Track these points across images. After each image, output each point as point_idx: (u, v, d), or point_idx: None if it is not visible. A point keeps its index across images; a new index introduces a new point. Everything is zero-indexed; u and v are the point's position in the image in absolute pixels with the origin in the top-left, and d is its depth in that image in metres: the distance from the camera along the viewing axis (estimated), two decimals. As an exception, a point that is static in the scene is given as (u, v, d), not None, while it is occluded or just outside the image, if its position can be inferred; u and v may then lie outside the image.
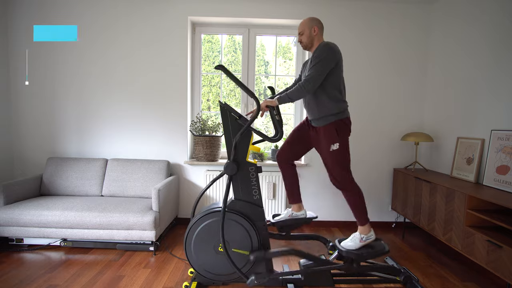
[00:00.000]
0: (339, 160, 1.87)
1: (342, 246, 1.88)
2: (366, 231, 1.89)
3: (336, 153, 1.86)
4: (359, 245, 1.86)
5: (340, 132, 1.86)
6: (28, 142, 2.96)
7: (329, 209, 3.04)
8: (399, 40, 2.94)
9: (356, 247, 1.85)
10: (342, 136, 1.87)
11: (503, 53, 2.14)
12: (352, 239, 1.90)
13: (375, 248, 1.86)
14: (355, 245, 1.86)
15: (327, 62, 1.78)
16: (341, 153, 1.86)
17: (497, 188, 2.05)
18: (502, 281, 1.96)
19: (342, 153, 1.87)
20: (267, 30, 3.06)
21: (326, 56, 1.78)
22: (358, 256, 1.81)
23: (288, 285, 1.85)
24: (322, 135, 1.91)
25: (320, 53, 1.79)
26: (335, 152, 1.86)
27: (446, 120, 2.72)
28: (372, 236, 1.90)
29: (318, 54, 1.80)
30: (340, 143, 1.86)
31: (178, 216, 3.01)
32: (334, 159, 1.87)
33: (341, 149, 1.86)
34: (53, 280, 1.92)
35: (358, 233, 1.90)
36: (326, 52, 1.79)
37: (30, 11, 2.84)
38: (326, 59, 1.78)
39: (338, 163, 1.87)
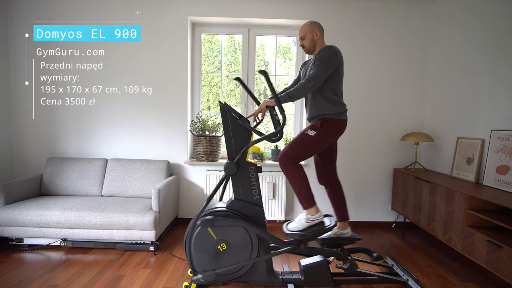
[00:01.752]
0: (301, 141, 1.85)
1: (288, 228, 1.86)
2: (312, 212, 1.85)
3: (306, 137, 1.85)
4: (305, 225, 1.83)
5: (325, 126, 1.86)
6: (28, 142, 2.96)
7: (329, 209, 3.03)
8: (399, 40, 2.94)
9: (302, 228, 1.82)
10: (324, 131, 1.85)
11: (503, 53, 2.14)
12: (298, 220, 1.87)
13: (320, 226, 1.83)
14: (301, 226, 1.83)
15: (329, 64, 1.81)
16: (310, 141, 1.84)
17: (497, 188, 2.05)
18: (502, 281, 1.96)
19: (310, 142, 1.84)
20: (267, 30, 3.06)
21: (329, 58, 1.81)
22: (303, 237, 1.78)
23: (288, 285, 1.85)
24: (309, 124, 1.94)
25: (324, 54, 1.82)
26: (306, 135, 1.85)
27: (446, 120, 2.72)
28: (319, 217, 1.86)
29: (322, 56, 1.82)
30: (317, 134, 1.84)
31: (178, 216, 3.01)
32: (299, 138, 1.86)
33: (313, 138, 1.84)
34: (53, 280, 1.92)
35: (304, 214, 1.87)
36: (330, 54, 1.82)
37: (30, 9, 2.84)
38: (329, 61, 1.81)
39: (298, 142, 1.85)
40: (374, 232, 2.91)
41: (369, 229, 2.99)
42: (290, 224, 1.89)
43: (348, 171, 2.96)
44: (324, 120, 1.87)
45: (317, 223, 1.85)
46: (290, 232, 1.82)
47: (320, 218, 1.87)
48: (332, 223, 1.88)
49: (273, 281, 1.85)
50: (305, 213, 1.88)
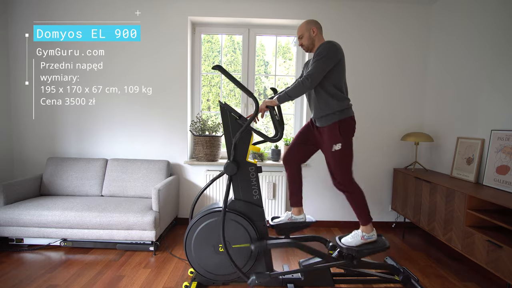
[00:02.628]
0: (341, 161, 1.86)
1: (343, 242, 1.87)
2: (368, 230, 1.87)
3: (339, 154, 1.84)
4: (360, 242, 1.84)
5: (343, 132, 1.84)
6: (28, 142, 2.96)
7: (329, 209, 3.04)
8: (398, 40, 2.94)
9: (357, 244, 1.84)
10: (345, 136, 1.84)
11: (503, 53, 2.14)
12: (353, 236, 1.88)
13: (375, 244, 1.84)
14: (356, 242, 1.84)
15: (328, 60, 1.77)
16: (343, 153, 1.84)
17: (497, 188, 2.05)
18: (502, 281, 1.96)
19: (344, 153, 1.85)
20: (267, 30, 3.06)
21: (327, 54, 1.77)
22: (358, 253, 1.80)
23: (288, 285, 1.85)
24: (325, 135, 1.89)
25: (322, 50, 1.79)
26: (337, 152, 1.84)
27: (446, 120, 2.71)
28: (373, 236, 1.88)
29: (320, 51, 1.79)
30: (343, 143, 1.83)
31: (178, 216, 3.01)
32: (337, 159, 1.86)
33: (343, 149, 1.84)
34: (53, 280, 1.92)
35: (360, 231, 1.89)
36: (328, 49, 1.78)
37: (30, 9, 2.84)
38: (327, 57, 1.77)
39: (340, 164, 1.86)
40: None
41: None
42: (344, 239, 1.90)
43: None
44: (339, 124, 1.84)
45: (371, 241, 1.87)
46: (346, 247, 1.83)
47: (374, 236, 1.89)
48: (387, 244, 1.87)
49: (273, 281, 1.85)
50: (360, 230, 1.89)
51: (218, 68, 1.61)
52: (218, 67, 1.61)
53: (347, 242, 1.86)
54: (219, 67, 1.61)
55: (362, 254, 1.81)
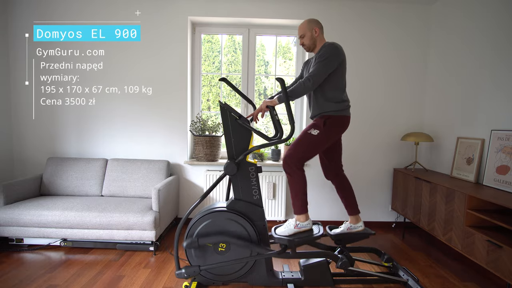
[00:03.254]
0: (304, 142, 1.84)
1: (276, 232, 1.86)
2: (302, 218, 1.85)
3: (308, 136, 1.83)
4: (293, 231, 1.83)
5: (328, 124, 1.84)
6: (28, 142, 2.96)
7: (329, 209, 3.04)
8: (399, 40, 2.94)
9: (290, 233, 1.82)
10: (327, 129, 1.84)
11: (504, 53, 2.14)
12: (286, 225, 1.86)
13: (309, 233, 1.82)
14: (289, 231, 1.83)
15: (330, 61, 1.78)
16: (313, 139, 1.82)
17: (497, 188, 2.05)
18: (502, 281, 1.96)
19: (314, 141, 1.83)
20: (267, 30, 3.06)
21: (330, 56, 1.78)
22: (290, 242, 1.77)
23: (288, 285, 1.85)
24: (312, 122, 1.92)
25: (325, 52, 1.80)
26: (308, 134, 1.84)
27: (446, 120, 2.71)
28: (308, 225, 1.85)
29: (323, 53, 1.80)
30: (321, 133, 1.82)
31: (178, 216, 3.01)
32: (302, 138, 1.85)
33: (316, 137, 1.82)
34: (53, 280, 1.92)
35: (293, 220, 1.87)
36: (331, 51, 1.79)
37: (30, 9, 2.84)
38: (330, 59, 1.78)
39: (301, 143, 1.84)
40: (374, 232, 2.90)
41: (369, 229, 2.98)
42: (278, 229, 1.89)
43: (348, 171, 2.92)
44: (327, 118, 1.85)
45: (305, 230, 1.85)
46: (277, 236, 1.82)
47: (309, 225, 1.87)
48: (320, 232, 1.86)
49: (273, 281, 1.85)
50: (294, 219, 1.87)
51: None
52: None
53: (279, 232, 1.85)
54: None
55: (294, 243, 1.78)
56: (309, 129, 1.87)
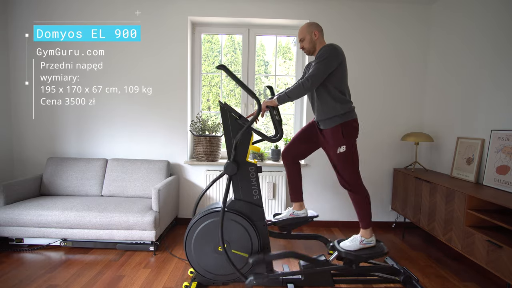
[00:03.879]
0: (347, 163, 1.87)
1: (341, 246, 1.88)
2: (367, 235, 1.88)
3: (344, 156, 1.86)
4: (359, 247, 1.85)
5: (346, 134, 1.85)
6: (28, 142, 2.96)
7: (329, 209, 3.04)
8: (399, 40, 2.94)
9: (355, 249, 1.85)
10: (348, 138, 1.85)
11: (504, 53, 2.14)
12: (352, 240, 1.89)
13: (374, 250, 1.85)
14: (355, 247, 1.85)
15: (329, 62, 1.78)
16: (348, 155, 1.86)
17: (497, 188, 2.05)
18: (502, 281, 1.96)
19: (349, 155, 1.86)
20: (267, 30, 3.06)
21: (329, 56, 1.78)
22: (357, 258, 1.81)
23: (288, 285, 1.85)
24: (329, 137, 1.90)
25: (323, 53, 1.80)
26: (342, 154, 1.85)
27: (446, 120, 2.71)
28: (372, 241, 1.89)
29: (321, 54, 1.81)
30: (347, 145, 1.84)
31: (178, 216, 3.01)
32: (342, 161, 1.87)
33: (348, 151, 1.85)
34: (53, 280, 1.92)
35: (359, 235, 1.90)
36: (330, 52, 1.79)
37: (30, 9, 2.84)
38: (328, 59, 1.78)
39: (346, 165, 1.87)
40: (374, 232, 2.90)
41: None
42: (343, 243, 1.90)
43: (348, 171, 2.96)
44: (342, 127, 1.84)
45: (370, 247, 1.87)
46: (344, 251, 1.83)
47: (373, 242, 1.89)
48: (385, 250, 1.87)
49: (273, 281, 1.85)
50: (359, 235, 1.90)
51: (222, 68, 1.61)
52: (222, 66, 1.61)
53: (345, 246, 1.87)
54: (223, 66, 1.61)
55: (360, 259, 1.81)
56: (335, 150, 1.86)
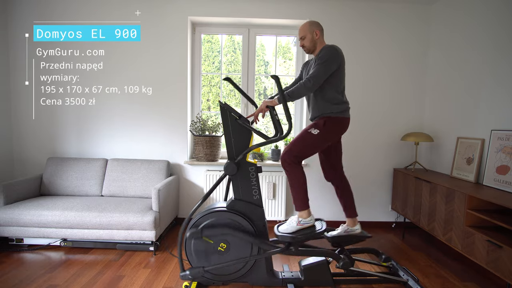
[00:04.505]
0: (304, 139, 1.85)
1: (279, 230, 1.86)
2: (305, 215, 1.85)
3: (308, 135, 1.85)
4: (296, 228, 1.82)
5: (328, 124, 1.86)
6: (28, 142, 2.96)
7: (329, 209, 3.03)
8: (399, 40, 2.94)
9: (293, 230, 1.82)
10: (327, 129, 1.85)
11: (503, 53, 2.14)
12: (289, 222, 1.86)
13: (312, 229, 1.82)
14: (291, 228, 1.82)
15: (330, 63, 1.80)
16: (314, 138, 1.84)
17: (497, 188, 2.05)
18: (502, 281, 1.96)
19: (313, 140, 1.84)
20: (267, 30, 3.06)
21: (330, 58, 1.80)
22: (293, 239, 1.77)
23: (288, 285, 1.85)
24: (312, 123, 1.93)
25: (325, 54, 1.82)
26: (309, 133, 1.85)
27: (446, 120, 2.71)
28: (311, 221, 1.85)
29: (323, 55, 1.82)
30: (320, 132, 1.84)
31: (178, 216, 3.01)
32: (303, 137, 1.86)
33: (316, 137, 1.83)
34: (53, 280, 1.92)
35: (296, 216, 1.87)
36: (331, 53, 1.81)
37: (30, 9, 2.84)
38: (330, 61, 1.80)
39: (300, 140, 1.85)
40: (374, 232, 2.91)
41: (369, 229, 2.98)
42: (281, 226, 1.89)
43: (348, 171, 2.92)
44: (327, 118, 1.87)
45: (308, 227, 1.85)
46: (280, 234, 1.81)
47: (312, 221, 1.86)
48: (323, 227, 1.86)
49: (273, 281, 1.85)
50: (296, 216, 1.87)
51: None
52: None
53: (283, 229, 1.85)
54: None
55: (297, 240, 1.78)
56: (309, 128, 1.88)
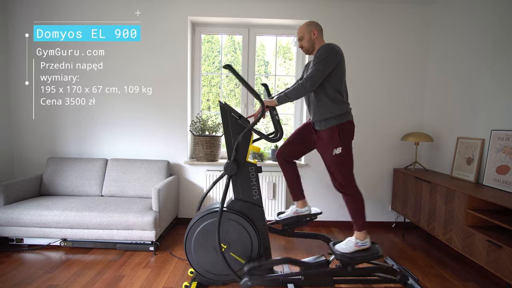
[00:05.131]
0: (342, 165, 1.86)
1: (336, 249, 1.86)
2: (362, 237, 1.86)
3: (339, 158, 1.84)
4: (353, 249, 1.83)
5: (342, 136, 1.84)
6: (28, 142, 2.96)
7: (329, 209, 3.03)
8: (399, 39, 2.94)
9: (350, 251, 1.83)
10: (344, 140, 1.84)
11: (503, 53, 2.14)
12: (347, 243, 1.87)
13: (369, 252, 1.83)
14: (349, 249, 1.83)
15: (328, 62, 1.77)
16: (344, 157, 1.84)
17: (497, 188, 2.05)
18: (502, 281, 1.96)
19: (345, 157, 1.85)
20: (267, 30, 3.06)
21: (328, 56, 1.77)
22: (352, 260, 1.80)
23: (288, 285, 1.85)
24: (324, 138, 1.88)
25: (322, 53, 1.79)
26: (337, 156, 1.84)
27: (446, 120, 2.71)
28: (367, 243, 1.87)
29: (319, 54, 1.79)
30: (343, 147, 1.83)
31: (178, 216, 3.01)
32: (337, 163, 1.86)
33: (343, 153, 1.84)
34: (53, 280, 1.92)
35: (354, 238, 1.87)
36: (328, 52, 1.78)
37: (30, 9, 2.84)
38: (327, 59, 1.77)
39: (341, 167, 1.86)
40: (374, 232, 2.91)
41: (369, 229, 2.98)
42: (338, 245, 1.88)
43: (348, 171, 2.96)
44: (338, 129, 1.84)
45: (365, 249, 1.86)
46: (340, 253, 1.82)
47: (368, 244, 1.87)
48: (380, 252, 1.85)
49: (273, 281, 1.85)
50: (354, 237, 1.87)
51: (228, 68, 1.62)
52: (228, 66, 1.61)
53: (340, 249, 1.85)
54: (229, 66, 1.61)
55: (356, 262, 1.81)
56: (330, 151, 1.85)
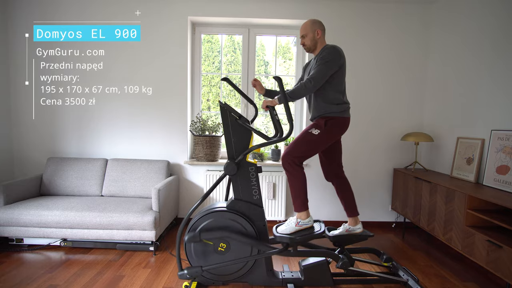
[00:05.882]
0: (304, 140, 1.85)
1: (277, 231, 1.86)
2: (303, 216, 1.85)
3: (308, 135, 1.84)
4: (294, 229, 1.82)
5: (328, 125, 1.85)
6: (28, 142, 2.96)
7: (329, 209, 3.04)
8: (399, 40, 2.94)
9: (291, 231, 1.82)
10: (328, 129, 1.85)
11: (503, 53, 2.14)
12: (288, 223, 1.86)
13: (310, 231, 1.82)
14: (290, 229, 1.82)
15: (331, 64, 1.80)
16: (313, 139, 1.83)
17: (497, 188, 2.05)
18: (502, 281, 1.96)
19: (314, 140, 1.84)
20: (267, 30, 3.06)
21: (332, 59, 1.80)
22: (291, 240, 1.77)
23: (288, 285, 1.85)
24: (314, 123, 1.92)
25: (326, 54, 1.81)
26: (309, 134, 1.85)
27: (446, 120, 2.71)
28: (309, 222, 1.85)
29: (324, 55, 1.81)
30: (321, 133, 1.84)
31: (178, 216, 3.01)
32: (303, 137, 1.86)
33: (316, 137, 1.83)
34: (53, 280, 1.92)
35: (294, 217, 1.87)
36: (333, 54, 1.81)
37: (30, 9, 2.84)
38: (331, 61, 1.79)
39: (300, 141, 1.85)
40: (374, 232, 2.90)
41: (369, 229, 2.96)
42: (279, 227, 1.89)
43: (348, 171, 2.92)
44: (328, 119, 1.87)
45: (307, 228, 1.85)
46: (279, 235, 1.81)
47: (310, 223, 1.86)
48: (322, 229, 1.86)
49: (273, 281, 1.85)
50: (295, 217, 1.87)
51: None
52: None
53: (281, 230, 1.85)
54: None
55: (295, 241, 1.78)
56: (310, 128, 1.88)
